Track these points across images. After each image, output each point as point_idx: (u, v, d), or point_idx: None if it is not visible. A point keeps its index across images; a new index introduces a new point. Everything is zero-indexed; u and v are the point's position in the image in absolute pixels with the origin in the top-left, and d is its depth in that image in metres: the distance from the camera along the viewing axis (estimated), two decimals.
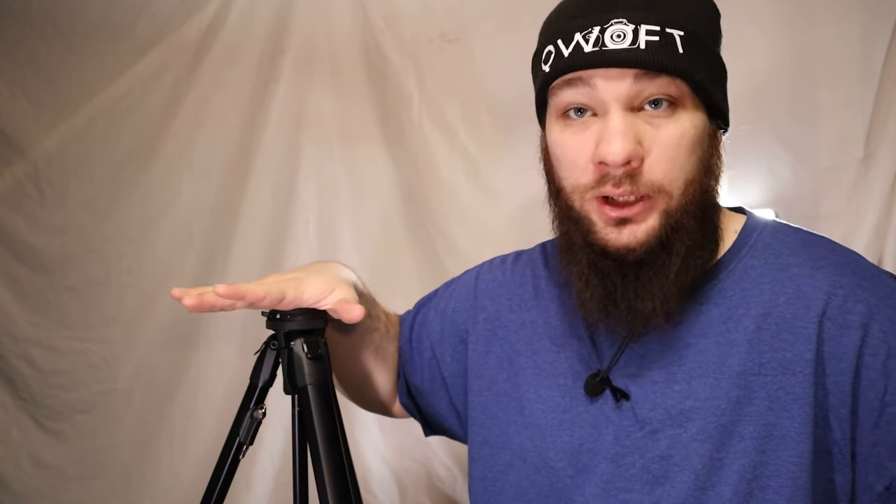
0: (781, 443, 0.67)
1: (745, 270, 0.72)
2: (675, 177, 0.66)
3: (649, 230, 0.67)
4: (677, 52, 0.64)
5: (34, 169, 1.86)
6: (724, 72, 0.72)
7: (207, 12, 1.82)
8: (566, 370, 0.78)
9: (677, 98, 0.66)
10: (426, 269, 1.78)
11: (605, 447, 0.74)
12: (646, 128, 0.66)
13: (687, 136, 0.66)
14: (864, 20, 1.53)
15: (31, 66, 1.86)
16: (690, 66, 0.65)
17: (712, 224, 0.71)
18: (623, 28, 0.64)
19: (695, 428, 0.69)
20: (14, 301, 1.86)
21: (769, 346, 0.68)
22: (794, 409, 0.67)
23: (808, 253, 0.72)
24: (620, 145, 0.64)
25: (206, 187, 1.84)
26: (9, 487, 1.84)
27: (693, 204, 0.68)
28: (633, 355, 0.74)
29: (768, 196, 1.59)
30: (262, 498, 1.76)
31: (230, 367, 1.77)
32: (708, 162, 0.69)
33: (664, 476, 0.70)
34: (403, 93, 1.78)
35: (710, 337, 0.71)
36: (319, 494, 0.74)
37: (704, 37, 0.67)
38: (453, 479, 1.73)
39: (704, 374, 0.70)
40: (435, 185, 1.77)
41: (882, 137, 1.53)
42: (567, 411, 0.77)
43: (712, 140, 0.70)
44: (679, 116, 0.66)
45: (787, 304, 0.69)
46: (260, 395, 0.82)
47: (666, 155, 0.65)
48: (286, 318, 0.79)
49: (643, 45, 0.63)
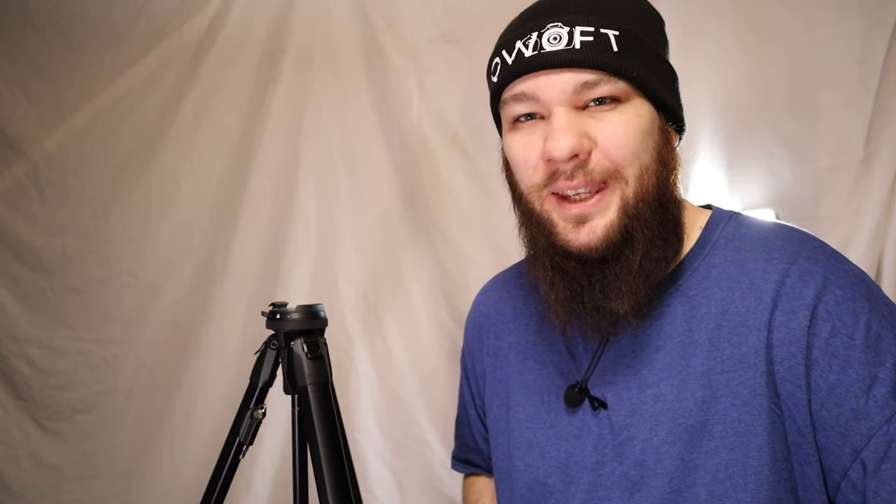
0: (746, 438, 0.67)
1: (707, 269, 0.73)
2: (627, 162, 0.68)
3: (608, 225, 0.68)
4: (611, 50, 0.66)
5: (34, 169, 1.86)
6: (671, 75, 0.73)
7: (207, 12, 1.82)
8: (549, 386, 0.79)
9: (620, 95, 0.68)
10: (426, 269, 1.78)
11: (586, 457, 0.74)
12: (591, 121, 0.68)
13: (633, 124, 0.68)
14: (864, 20, 1.53)
15: (31, 66, 1.86)
16: (627, 64, 0.67)
17: (672, 217, 0.71)
18: (559, 31, 0.67)
19: (664, 431, 0.70)
20: (14, 301, 1.86)
21: (728, 342, 0.69)
22: (752, 403, 0.67)
23: (765, 245, 0.72)
24: (564, 140, 0.66)
25: (206, 187, 1.84)
26: (9, 487, 1.84)
27: (649, 193, 0.69)
28: (607, 363, 0.75)
29: (768, 196, 1.59)
30: (262, 498, 1.76)
31: (230, 367, 1.77)
32: (661, 152, 0.70)
33: (641, 481, 0.70)
34: (403, 93, 1.77)
35: (674, 338, 0.71)
36: (319, 494, 0.74)
37: (644, 38, 0.69)
38: (453, 479, 1.73)
39: (671, 376, 0.70)
40: (435, 185, 1.77)
41: (882, 137, 1.53)
42: (552, 426, 0.78)
43: (664, 134, 0.71)
44: (623, 108, 0.68)
45: (741, 298, 0.69)
46: (260, 395, 0.82)
47: (614, 142, 0.68)
48: (286, 317, 0.79)
49: (578, 46, 0.66)
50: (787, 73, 1.56)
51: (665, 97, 0.70)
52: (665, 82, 0.71)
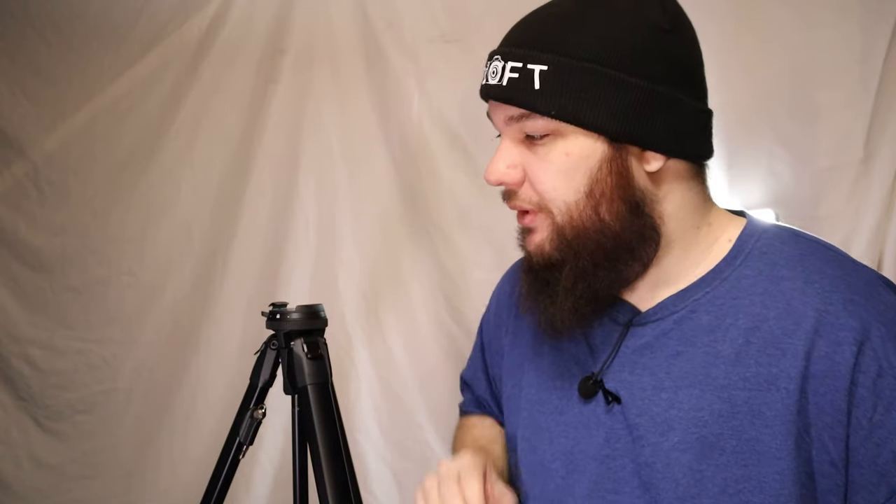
0: (763, 458, 0.66)
1: (737, 280, 0.71)
2: (550, 198, 0.70)
3: (540, 242, 0.72)
4: (532, 87, 0.67)
5: (34, 169, 1.86)
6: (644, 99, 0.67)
7: (207, 12, 1.82)
8: (563, 372, 0.80)
9: (549, 130, 0.68)
10: (426, 269, 1.78)
11: (595, 448, 0.74)
12: (527, 153, 0.71)
13: (556, 163, 0.69)
14: (864, 20, 1.53)
15: (31, 66, 1.86)
16: (545, 102, 0.67)
17: (616, 251, 0.70)
18: (497, 65, 0.70)
19: (676, 437, 0.69)
20: (14, 301, 1.86)
21: (755, 360, 0.68)
22: (776, 426, 0.66)
23: (804, 265, 0.70)
24: (493, 168, 0.72)
25: (206, 187, 1.84)
26: (9, 487, 1.84)
27: (581, 227, 0.69)
28: (625, 359, 0.74)
29: (768, 196, 1.59)
30: (262, 498, 1.76)
31: (230, 367, 1.77)
32: (600, 188, 0.68)
33: (650, 483, 0.71)
34: (403, 93, 1.77)
35: (698, 346, 0.71)
36: (319, 494, 0.74)
37: (592, 66, 0.66)
38: None
39: (690, 385, 0.70)
40: (435, 185, 1.77)
41: (882, 137, 1.53)
42: (563, 413, 0.78)
43: (611, 166, 0.68)
44: (553, 145, 0.69)
45: (777, 318, 0.68)
46: (260, 395, 0.83)
47: (537, 178, 0.70)
48: (286, 317, 0.79)
49: (505, 82, 0.69)
50: (787, 73, 1.56)
51: (623, 130, 0.67)
52: (631, 109, 0.66)
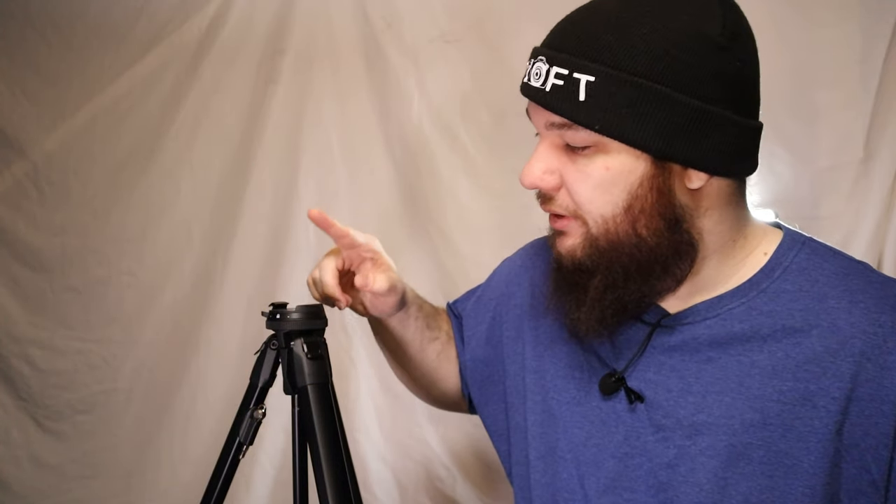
0: (791, 472, 0.66)
1: (776, 293, 0.70)
2: (586, 210, 0.68)
3: (572, 246, 0.70)
4: (576, 98, 0.64)
5: (34, 169, 1.86)
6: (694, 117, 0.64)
7: (207, 12, 1.82)
8: (583, 363, 0.79)
9: (590, 143, 0.66)
10: (426, 269, 1.78)
11: (614, 445, 0.74)
12: (566, 161, 0.68)
13: (595, 177, 0.67)
14: (864, 20, 1.53)
15: (31, 66, 1.86)
16: (589, 116, 0.64)
17: (651, 267, 0.69)
18: (541, 66, 0.67)
19: (704, 443, 0.69)
20: (14, 301, 1.86)
21: (792, 374, 0.67)
22: (810, 442, 0.66)
23: (846, 285, 0.69)
24: (529, 171, 0.70)
25: (206, 187, 1.84)
26: (9, 487, 1.84)
27: (617, 241, 0.68)
28: (652, 360, 0.74)
29: (768, 196, 1.59)
30: (262, 498, 1.76)
31: (230, 367, 1.77)
32: (640, 205, 0.66)
33: (668, 484, 0.70)
34: (403, 93, 1.77)
35: (731, 354, 0.70)
36: (319, 494, 0.74)
37: (641, 81, 0.63)
38: (453, 479, 1.73)
39: (722, 392, 0.69)
40: (435, 185, 1.77)
41: (882, 138, 1.53)
42: (581, 404, 0.78)
43: (652, 182, 0.66)
44: (594, 158, 0.66)
45: (820, 336, 0.67)
46: (260, 395, 0.83)
47: (574, 188, 0.68)
48: (286, 317, 0.79)
49: (549, 88, 0.66)
50: (788, 73, 1.56)
51: (668, 148, 0.64)
52: (680, 128, 0.64)
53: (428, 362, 0.96)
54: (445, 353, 0.97)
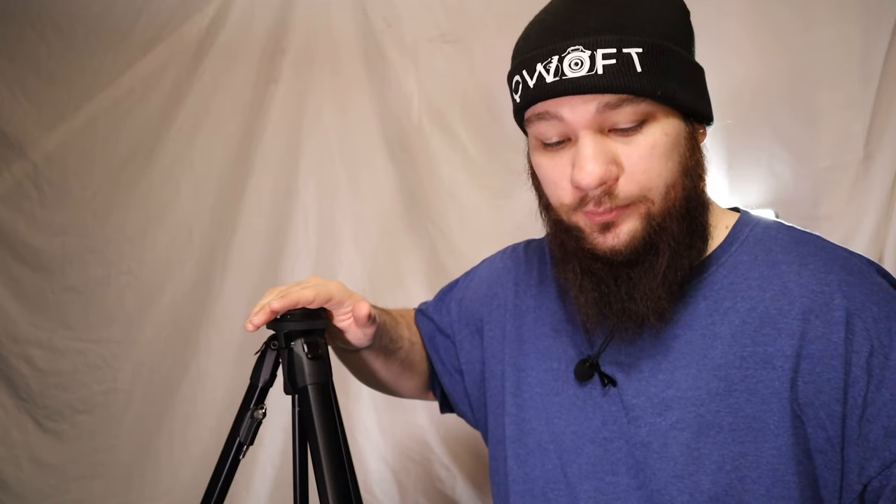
0: (760, 435, 0.67)
1: (734, 265, 0.73)
2: (653, 185, 0.68)
3: (631, 231, 0.69)
4: (635, 71, 0.64)
5: (34, 169, 1.86)
6: (696, 73, 0.71)
7: (207, 12, 1.82)
8: (561, 355, 0.81)
9: (644, 115, 0.66)
10: (426, 269, 1.78)
11: (592, 431, 0.76)
12: (618, 145, 0.67)
13: (659, 146, 0.67)
14: (864, 21, 1.53)
15: (31, 66, 1.86)
16: (651, 84, 0.65)
17: (699, 223, 0.72)
18: (580, 55, 0.65)
19: (674, 417, 0.71)
20: (14, 301, 1.86)
21: (751, 339, 0.69)
22: (772, 403, 0.67)
23: (798, 250, 0.72)
24: (591, 170, 0.66)
25: (206, 187, 1.84)
26: (9, 487, 1.84)
27: (675, 207, 0.69)
28: (622, 344, 0.76)
29: (768, 196, 1.59)
30: (262, 498, 1.76)
31: (230, 367, 1.77)
32: (687, 164, 0.70)
33: (645, 463, 0.72)
34: (403, 93, 1.77)
35: (695, 329, 0.72)
36: (319, 494, 0.74)
37: (670, 45, 0.67)
38: (453, 479, 1.73)
39: (687, 365, 0.71)
40: (435, 185, 1.77)
41: (882, 138, 1.53)
42: (559, 394, 0.80)
43: (690, 141, 0.70)
44: (650, 128, 0.67)
45: (773, 299, 0.70)
46: (260, 395, 0.82)
47: (640, 167, 0.67)
48: (286, 318, 0.79)
49: (601, 70, 0.64)
50: (787, 73, 1.56)
51: (694, 104, 0.69)
52: (692, 84, 0.70)
53: (392, 372, 0.97)
54: (408, 359, 0.98)
